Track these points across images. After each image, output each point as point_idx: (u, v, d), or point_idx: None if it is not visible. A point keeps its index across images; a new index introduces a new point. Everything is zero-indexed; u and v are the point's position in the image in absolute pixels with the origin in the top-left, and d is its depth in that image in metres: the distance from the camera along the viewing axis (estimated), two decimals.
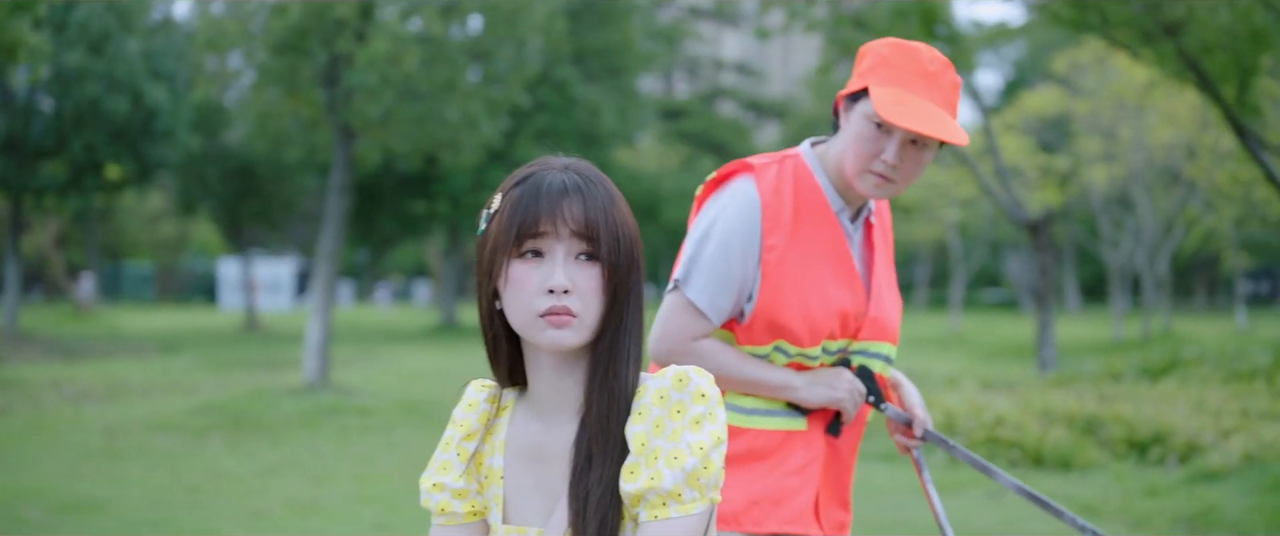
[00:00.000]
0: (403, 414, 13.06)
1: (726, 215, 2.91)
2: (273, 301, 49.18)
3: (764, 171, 2.95)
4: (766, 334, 2.91)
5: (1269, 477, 8.05)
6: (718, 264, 2.88)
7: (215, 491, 8.87)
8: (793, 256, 2.90)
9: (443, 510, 2.01)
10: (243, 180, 31.63)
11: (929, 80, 2.81)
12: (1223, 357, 13.95)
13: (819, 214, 2.95)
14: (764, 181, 2.93)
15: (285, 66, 14.51)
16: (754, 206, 2.90)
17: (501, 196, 1.91)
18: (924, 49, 2.82)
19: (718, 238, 2.89)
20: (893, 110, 2.73)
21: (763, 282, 2.89)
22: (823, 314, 2.91)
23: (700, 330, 2.92)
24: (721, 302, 2.90)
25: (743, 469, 2.93)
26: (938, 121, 2.76)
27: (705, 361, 2.87)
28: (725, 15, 56.84)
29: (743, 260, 2.88)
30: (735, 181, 2.96)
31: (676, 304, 2.94)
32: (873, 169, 2.84)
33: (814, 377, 2.93)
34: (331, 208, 14.83)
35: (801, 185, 2.95)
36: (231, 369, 19.12)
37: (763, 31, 16.29)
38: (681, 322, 2.92)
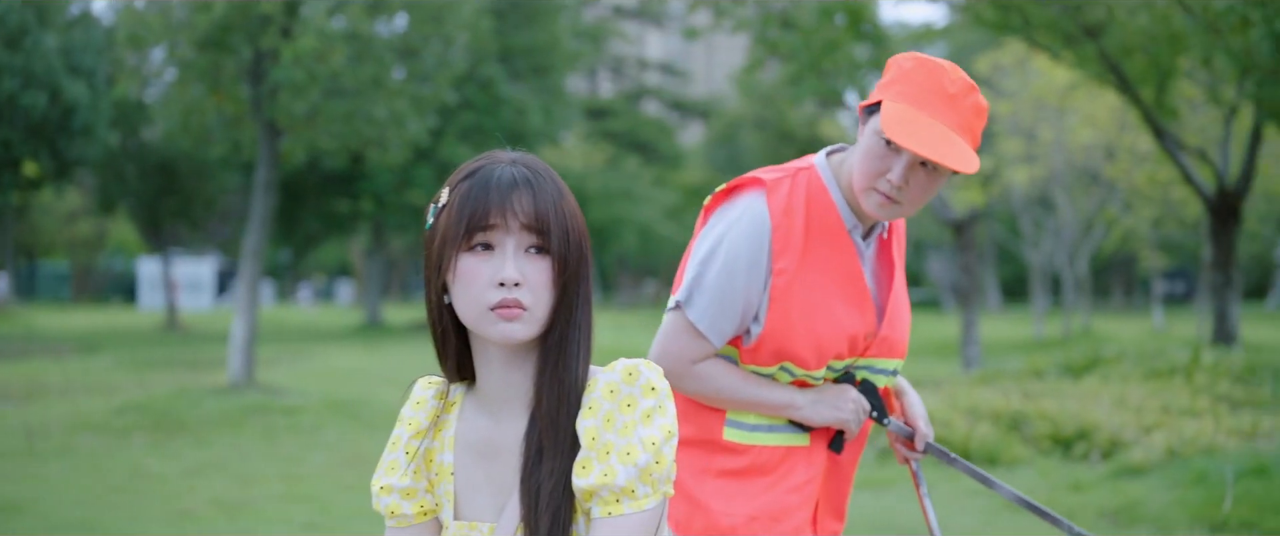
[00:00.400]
0: (330, 413, 12.95)
1: (734, 234, 2.78)
2: (193, 301, 48.60)
3: (777, 188, 2.81)
4: (772, 358, 2.81)
5: (1191, 472, 8.19)
6: (722, 286, 2.77)
7: (140, 491, 8.75)
8: (803, 280, 2.78)
9: (392, 512, 2.01)
10: (163, 178, 31.20)
11: (948, 101, 2.67)
12: (1142, 356, 14.16)
13: (832, 232, 2.82)
14: (776, 199, 2.79)
15: (209, 62, 14.34)
16: (764, 226, 2.77)
17: (449, 190, 1.90)
18: (949, 68, 2.69)
19: (723, 258, 2.77)
20: (898, 128, 2.61)
21: (770, 308, 2.78)
22: (831, 339, 2.81)
23: (701, 353, 2.82)
24: (724, 326, 2.80)
25: (743, 483, 2.87)
26: (944, 145, 2.63)
27: (706, 385, 2.82)
28: (650, 15, 56.94)
29: (748, 283, 2.77)
30: (745, 196, 2.83)
31: (678, 325, 2.83)
32: (878, 187, 2.72)
33: (818, 396, 2.85)
34: (257, 205, 14.67)
35: (814, 201, 2.81)
36: (153, 369, 18.87)
37: (691, 31, 16.32)
38: (682, 345, 2.82)
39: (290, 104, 14.06)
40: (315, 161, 29.12)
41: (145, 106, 27.51)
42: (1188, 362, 12.84)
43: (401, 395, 2.07)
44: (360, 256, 52.89)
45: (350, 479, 9.35)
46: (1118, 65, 15.68)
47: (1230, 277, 16.21)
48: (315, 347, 25.42)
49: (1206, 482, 7.95)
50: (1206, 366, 12.60)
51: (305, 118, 14.37)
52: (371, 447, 10.93)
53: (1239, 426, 9.47)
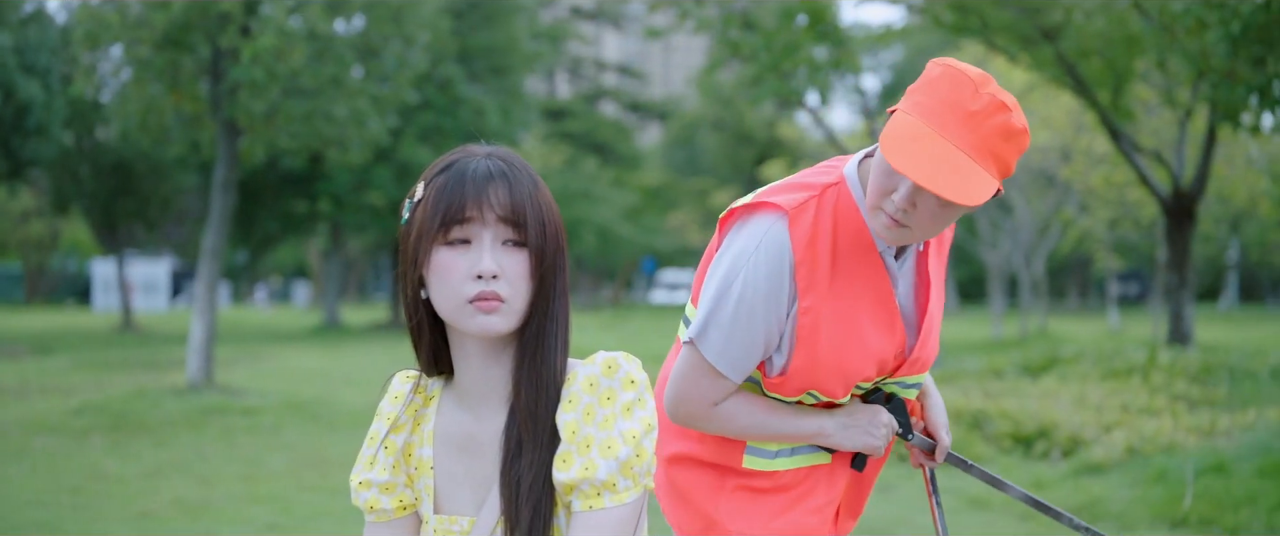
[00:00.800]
0: (290, 414, 12.88)
1: (752, 268, 2.53)
2: (148, 302, 48.23)
3: (801, 216, 2.54)
4: (797, 391, 2.63)
5: (1151, 470, 8.27)
6: (740, 324, 2.55)
7: (99, 493, 8.67)
8: (830, 311, 2.56)
9: (372, 507, 2.00)
10: (118, 178, 30.90)
11: (966, 119, 2.34)
12: (1100, 356, 14.29)
13: (862, 254, 2.57)
14: (799, 229, 2.53)
15: (167, 61, 14.24)
16: (785, 261, 2.52)
17: (425, 185, 1.89)
18: (978, 82, 2.35)
19: (740, 293, 2.53)
20: (894, 147, 2.34)
21: (797, 346, 2.56)
22: (859, 368, 2.61)
23: (721, 392, 2.62)
24: (743, 363, 2.58)
25: (762, 501, 2.74)
26: (945, 171, 2.32)
27: (731, 425, 2.66)
28: (607, 16, 56.95)
29: (767, 319, 2.54)
30: (764, 220, 2.56)
31: (694, 364, 2.62)
32: (884, 207, 2.45)
33: (849, 420, 2.68)
34: (216, 204, 14.57)
35: (843, 222, 2.56)
36: (109, 370, 18.71)
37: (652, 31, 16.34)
38: (703, 387, 2.62)
39: (250, 103, 13.98)
40: (273, 161, 28.93)
41: (100, 106, 27.26)
42: (1145, 362, 12.97)
43: (379, 390, 2.06)
44: (317, 258, 52.66)
45: (312, 479, 9.30)
46: (1075, 67, 15.81)
47: (1185, 278, 16.37)
48: (273, 349, 25.27)
49: (1167, 480, 8.03)
50: (1163, 366, 12.73)
51: (265, 116, 14.29)
52: (333, 448, 10.88)
53: (1197, 424, 9.56)
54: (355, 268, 61.48)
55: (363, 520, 2.08)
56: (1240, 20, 9.92)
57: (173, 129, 15.87)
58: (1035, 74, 17.65)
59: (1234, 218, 36.64)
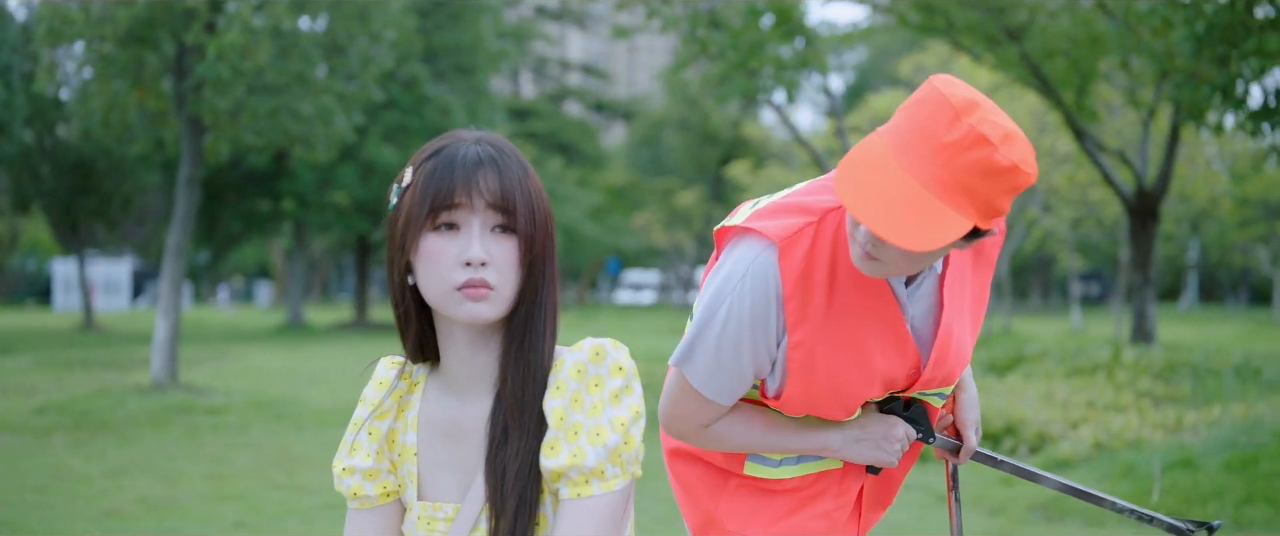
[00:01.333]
0: (256, 412, 12.80)
1: (737, 296, 2.35)
2: (109, 302, 47.90)
3: (792, 247, 2.34)
4: (798, 411, 2.50)
5: (1118, 464, 8.32)
6: (725, 352, 2.39)
7: (64, 491, 8.59)
8: (827, 344, 2.38)
9: (354, 494, 1.97)
10: (79, 177, 30.61)
11: (937, 153, 2.06)
12: (1064, 354, 14.37)
13: (866, 283, 2.37)
14: (790, 262, 2.33)
15: (131, 57, 14.12)
16: (773, 293, 2.34)
17: (413, 170, 1.88)
18: (961, 109, 2.06)
19: (724, 321, 2.37)
20: (847, 176, 2.12)
21: (790, 377, 2.41)
22: (861, 392, 2.46)
23: (710, 416, 2.49)
24: (729, 388, 2.44)
25: (766, 500, 2.62)
26: (895, 209, 2.06)
27: (726, 443, 2.54)
28: (572, 16, 56.90)
29: (754, 350, 2.38)
30: (753, 247, 2.37)
31: (681, 388, 2.48)
32: (856, 237, 2.24)
33: (860, 433, 2.52)
34: (180, 202, 14.46)
35: (843, 250, 2.35)
36: (72, 369, 18.53)
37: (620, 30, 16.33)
38: (689, 410, 2.49)
39: (214, 100, 13.88)
40: (237, 160, 28.75)
41: (61, 104, 27.01)
42: (1109, 360, 13.06)
43: (356, 380, 2.04)
44: (281, 257, 52.37)
45: (278, 477, 9.24)
46: (1039, 67, 15.91)
47: (1148, 277, 16.50)
48: (237, 348, 25.12)
49: (1134, 474, 8.08)
50: (1127, 364, 12.82)
51: (230, 113, 14.19)
52: (299, 447, 10.81)
53: (1164, 420, 9.63)
54: (319, 267, 61.21)
55: (337, 514, 2.06)
56: (1205, 20, 9.99)
57: (136, 126, 15.75)
58: (1000, 74, 17.75)
59: (1194, 218, 36.91)
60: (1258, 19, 10.04)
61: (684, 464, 2.74)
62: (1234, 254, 47.53)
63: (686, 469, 2.74)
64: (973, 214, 2.08)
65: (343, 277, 72.94)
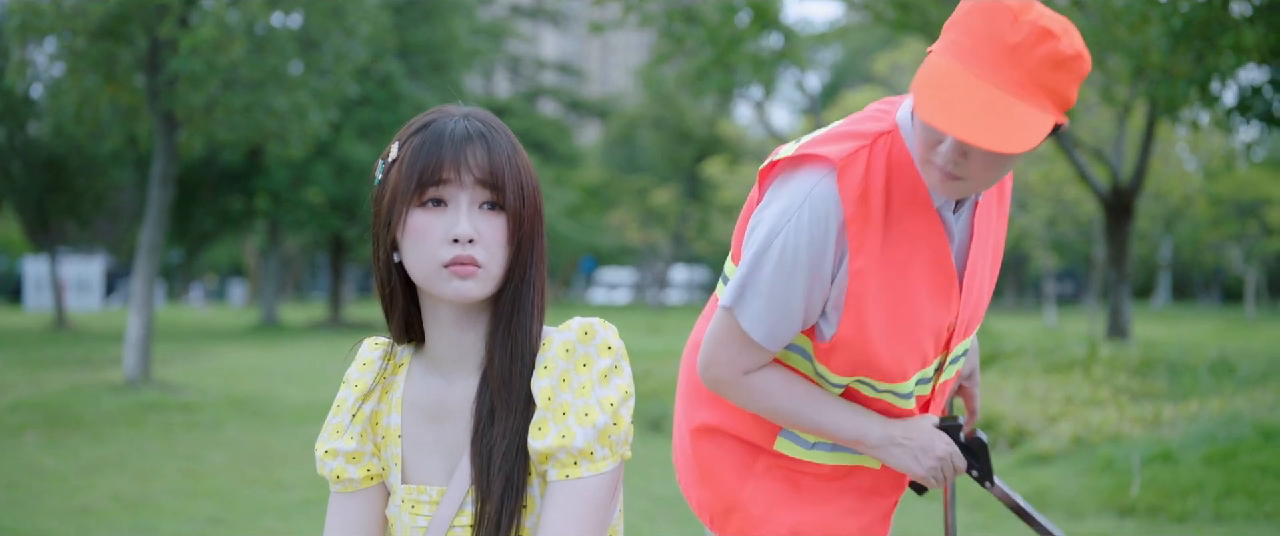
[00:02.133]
0: (230, 410, 12.72)
1: (796, 227, 2.28)
2: (81, 301, 47.58)
3: (851, 167, 2.28)
4: (847, 368, 2.39)
5: (1097, 459, 8.32)
6: (779, 288, 2.30)
7: (36, 489, 8.51)
8: (883, 277, 2.32)
9: (338, 476, 1.93)
10: (51, 174, 30.41)
11: (1006, 55, 2.07)
12: (1041, 350, 14.39)
13: (917, 210, 2.32)
14: (849, 183, 2.28)
15: (103, 52, 14.00)
16: (834, 218, 2.28)
17: (399, 145, 1.84)
18: (1017, 9, 2.09)
19: (780, 254, 2.29)
20: (925, 95, 2.09)
21: (846, 313, 2.32)
22: (915, 344, 2.39)
23: (753, 363, 2.39)
24: (782, 332, 2.35)
25: (793, 491, 2.52)
26: (986, 118, 2.06)
27: (760, 400, 2.42)
28: (546, 14, 56.82)
29: (810, 286, 2.30)
30: (811, 175, 2.31)
31: (728, 329, 2.39)
32: (934, 161, 2.21)
33: (900, 434, 2.40)
34: (153, 198, 14.35)
35: (897, 176, 2.31)
36: (44, 367, 18.38)
37: (597, 25, 16.30)
38: (732, 353, 2.39)
39: (188, 95, 13.78)
40: (211, 158, 28.61)
41: (32, 101, 26.83)
42: (1086, 356, 13.09)
43: (346, 357, 1.99)
44: (254, 256, 52.16)
45: (254, 474, 9.17)
46: None
47: (1124, 274, 16.55)
48: (211, 346, 25.00)
49: (1113, 469, 8.08)
50: (1104, 360, 12.85)
51: (203, 109, 14.09)
52: (275, 444, 10.74)
53: (1142, 415, 9.64)
54: (293, 266, 60.97)
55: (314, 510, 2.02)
56: (1181, 16, 10.02)
57: (109, 122, 15.62)
58: None
59: (1168, 216, 37.11)
60: (1234, 16, 10.08)
61: (710, 441, 2.61)
62: (1206, 252, 47.81)
63: (712, 447, 2.60)
64: (1052, 108, 2.11)
65: (317, 276, 72.72)
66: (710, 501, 2.60)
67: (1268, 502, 7.31)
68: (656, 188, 49.24)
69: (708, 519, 2.63)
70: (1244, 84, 11.67)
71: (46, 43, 16.00)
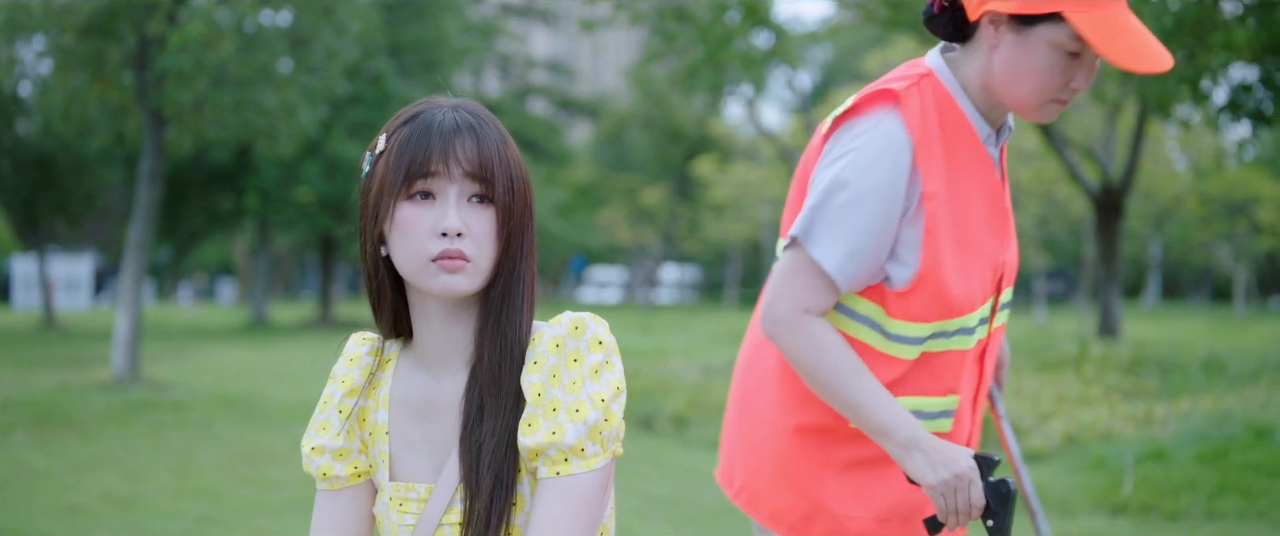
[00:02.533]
0: (220, 409, 12.67)
1: (863, 157, 2.34)
2: (70, 300, 47.44)
3: (909, 98, 2.37)
4: (929, 308, 2.38)
5: (1089, 457, 8.31)
6: (854, 216, 2.32)
7: (25, 488, 8.46)
8: (950, 206, 2.37)
9: (324, 474, 1.90)
10: (39, 173, 30.32)
11: None
12: (1032, 349, 14.40)
13: (967, 147, 2.42)
14: (911, 111, 2.36)
15: (92, 49, 13.95)
16: (902, 144, 2.34)
17: (387, 136, 1.81)
18: None
19: (852, 184, 2.33)
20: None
21: (924, 243, 2.35)
22: (980, 272, 2.42)
23: (817, 301, 2.36)
24: (854, 267, 2.34)
25: (872, 474, 2.47)
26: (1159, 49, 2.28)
27: (807, 349, 2.34)
28: (537, 13, 56.76)
29: (885, 213, 2.33)
30: (874, 113, 2.38)
31: (795, 262, 2.38)
32: (1060, 98, 2.35)
33: (932, 443, 2.30)
34: (142, 196, 14.30)
35: (944, 112, 2.41)
36: (32, 366, 18.31)
37: (588, 23, 16.27)
38: (797, 288, 2.36)
39: (177, 93, 13.73)
40: (200, 156, 28.52)
41: (20, 99, 26.74)
42: (1077, 355, 13.09)
43: (333, 353, 1.96)
44: (244, 255, 52.06)
45: (244, 472, 9.13)
46: None
47: (1114, 272, 16.56)
48: (200, 345, 24.94)
49: (1106, 467, 8.07)
50: (1095, 359, 12.86)
51: (192, 107, 14.04)
52: (265, 442, 10.70)
53: (1134, 413, 9.64)
54: (283, 265, 60.87)
55: (304, 509, 1.99)
56: (1172, 14, 10.01)
57: (97, 120, 15.56)
58: None
59: (1158, 215, 37.15)
60: (1224, 14, 10.07)
61: (800, 440, 2.53)
62: (1196, 251, 47.86)
63: (792, 447, 2.53)
64: None
65: (307, 275, 72.58)
66: (790, 506, 2.53)
67: (1260, 500, 7.30)
68: (646, 186, 49.21)
69: (787, 528, 2.54)
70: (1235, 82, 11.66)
71: (34, 40, 15.95)
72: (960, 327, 2.42)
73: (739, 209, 37.61)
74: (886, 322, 2.41)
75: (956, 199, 2.38)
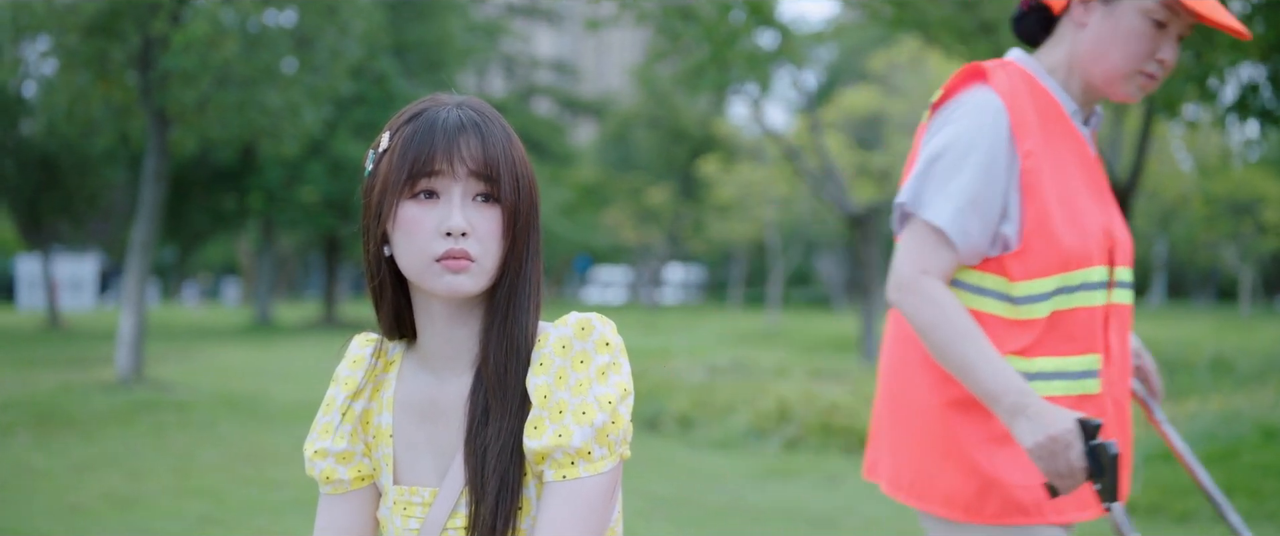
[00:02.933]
0: (223, 409, 12.65)
1: (963, 125, 2.47)
2: (75, 300, 47.48)
3: (996, 73, 2.53)
4: (1044, 263, 2.44)
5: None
6: (958, 173, 2.45)
7: (27, 488, 8.43)
8: (1048, 165, 2.48)
9: (327, 478, 1.87)
10: (43, 173, 30.34)
11: None
12: None
13: (1057, 119, 2.54)
14: (1000, 83, 2.51)
15: (95, 49, 13.92)
16: (998, 110, 2.47)
17: (391, 134, 1.78)
18: None
19: (955, 144, 2.46)
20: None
21: (1025, 197, 2.45)
22: (1087, 229, 2.48)
23: (937, 262, 2.44)
24: (965, 221, 2.43)
25: None
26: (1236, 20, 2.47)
27: (927, 312, 2.40)
28: (541, 12, 56.75)
29: (989, 167, 2.44)
30: (966, 94, 2.53)
31: (911, 232, 2.49)
32: (1145, 70, 2.51)
33: (1037, 407, 2.29)
34: (146, 196, 14.28)
35: (1033, 90, 2.54)
36: (35, 366, 18.31)
37: (593, 22, 16.22)
38: (913, 249, 2.46)
39: (181, 92, 13.71)
40: (204, 156, 28.51)
41: (24, 99, 26.73)
42: None
43: (336, 354, 1.92)
44: (248, 255, 52.03)
45: (246, 472, 9.10)
46: None
47: None
48: (204, 345, 24.93)
49: None
50: None
51: (196, 107, 14.02)
52: (267, 442, 10.67)
53: (1142, 414, 9.57)
54: (287, 265, 60.87)
55: (306, 510, 1.95)
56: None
57: (101, 119, 15.54)
58: None
59: (1163, 215, 37.06)
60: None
61: (959, 415, 2.50)
62: (1201, 251, 47.78)
63: (961, 421, 2.50)
64: None
65: (311, 275, 72.58)
66: (960, 487, 2.51)
67: (1269, 501, 7.27)
68: (651, 186, 49.13)
69: (961, 511, 2.51)
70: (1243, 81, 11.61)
71: (38, 40, 15.94)
72: (1083, 282, 2.47)
73: (744, 209, 37.51)
74: (1011, 288, 2.47)
75: (1053, 160, 2.48)
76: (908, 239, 2.48)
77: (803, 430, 10.03)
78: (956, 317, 2.38)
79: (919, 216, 2.47)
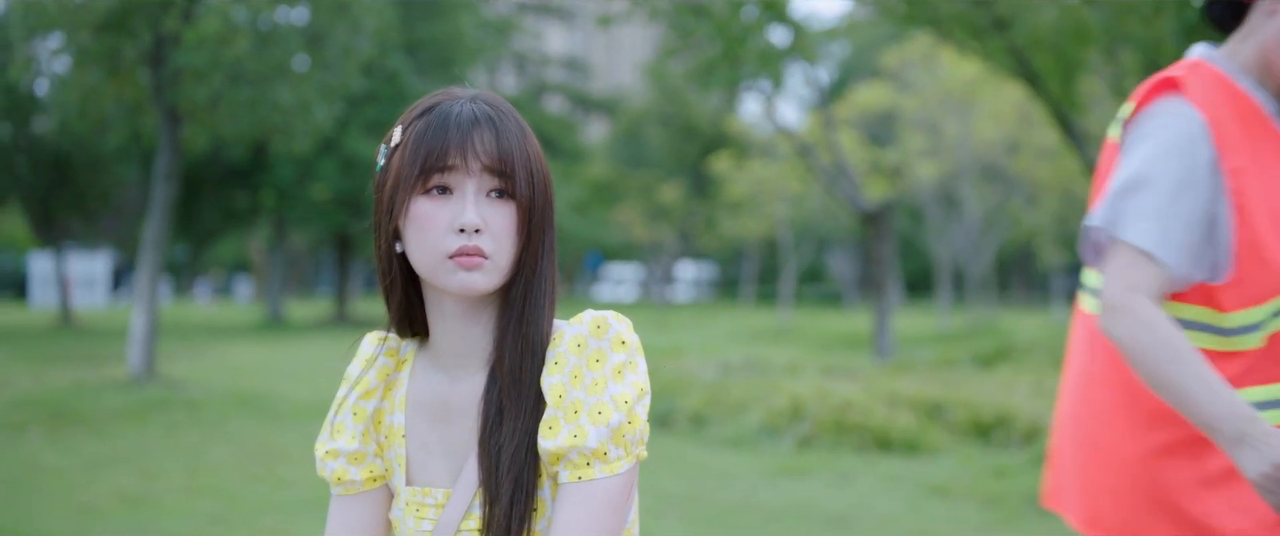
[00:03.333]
0: (235, 406, 12.64)
1: (1158, 138, 2.30)
2: (87, 297, 47.55)
3: (1190, 81, 2.35)
4: (1264, 283, 2.28)
5: None
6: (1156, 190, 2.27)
7: (37, 485, 8.43)
8: (1260, 179, 2.31)
9: (339, 479, 1.84)
10: (56, 170, 30.39)
11: None
12: (1053, 346, 14.33)
13: (1260, 124, 2.36)
14: (1195, 93, 2.33)
15: (107, 47, 13.92)
16: (1196, 121, 2.30)
17: (403, 128, 1.74)
18: None
19: (1151, 162, 2.28)
20: None
21: (1238, 217, 2.28)
22: None
23: (1146, 280, 2.24)
24: (1174, 242, 2.26)
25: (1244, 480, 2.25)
26: None
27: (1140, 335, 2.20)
28: (554, 9, 56.75)
29: (1191, 189, 2.27)
30: (1156, 107, 2.35)
31: (1114, 257, 2.30)
32: None
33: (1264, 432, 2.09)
34: (157, 193, 14.28)
35: (1229, 92, 2.37)
36: (48, 363, 18.32)
37: (604, 20, 16.21)
38: (1120, 271, 2.26)
39: (192, 90, 13.70)
40: (216, 153, 28.55)
41: (37, 98, 26.77)
42: None
43: (348, 353, 1.88)
44: (260, 252, 52.11)
45: (257, 471, 9.08)
46: (1025, 58, 15.82)
47: None
48: (216, 343, 24.95)
49: None
50: None
51: (208, 104, 14.01)
52: (278, 441, 10.65)
53: None
54: (299, 262, 60.95)
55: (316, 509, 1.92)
56: (1194, 9, 9.92)
57: (113, 117, 15.55)
58: (984, 65, 17.67)
59: None
60: None
61: (1164, 462, 2.38)
62: None
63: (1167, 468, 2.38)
64: None
65: (322, 272, 72.66)
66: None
67: None
68: (663, 183, 49.09)
69: None
70: None
71: (50, 38, 15.94)
72: None
73: (756, 206, 37.44)
74: (1221, 319, 2.32)
75: (1261, 174, 2.31)
76: (1113, 263, 2.29)
77: (816, 428, 9.99)
78: (1171, 338, 2.18)
79: (1121, 239, 2.29)
